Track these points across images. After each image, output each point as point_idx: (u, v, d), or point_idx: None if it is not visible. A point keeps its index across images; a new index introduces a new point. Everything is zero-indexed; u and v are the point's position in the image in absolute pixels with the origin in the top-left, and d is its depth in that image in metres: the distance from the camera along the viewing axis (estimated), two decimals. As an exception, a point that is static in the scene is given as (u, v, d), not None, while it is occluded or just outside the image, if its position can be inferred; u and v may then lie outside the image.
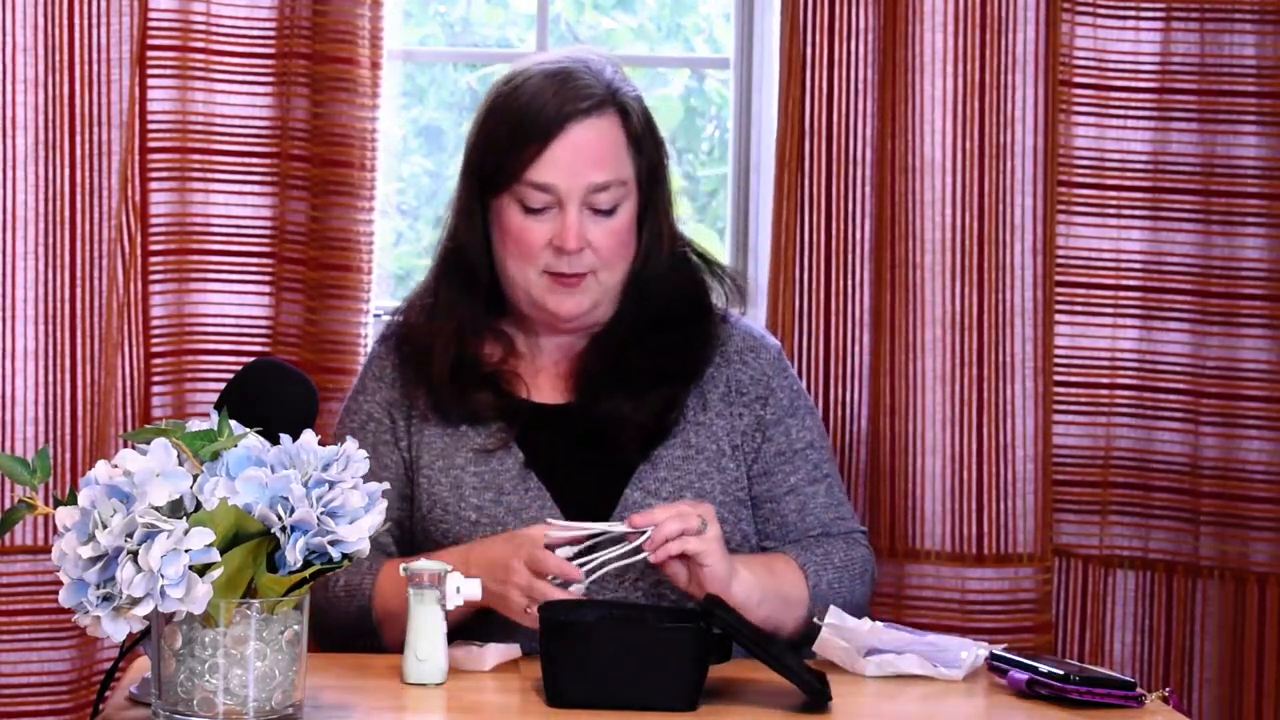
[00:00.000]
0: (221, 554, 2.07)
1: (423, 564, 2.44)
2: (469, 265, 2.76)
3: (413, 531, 2.76)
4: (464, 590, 2.43)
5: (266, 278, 3.33)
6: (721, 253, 3.43)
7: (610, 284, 2.74)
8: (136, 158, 3.25)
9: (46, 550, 3.09)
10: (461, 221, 2.77)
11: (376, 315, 3.38)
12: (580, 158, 2.69)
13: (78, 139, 3.15)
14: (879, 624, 2.59)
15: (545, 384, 2.78)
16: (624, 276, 2.75)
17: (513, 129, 2.71)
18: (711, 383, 2.78)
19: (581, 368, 2.77)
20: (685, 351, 2.76)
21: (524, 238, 2.70)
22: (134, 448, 2.12)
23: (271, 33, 3.30)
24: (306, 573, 2.12)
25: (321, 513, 2.10)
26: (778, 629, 2.65)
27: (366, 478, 2.32)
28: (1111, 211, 3.33)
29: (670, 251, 2.79)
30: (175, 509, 2.09)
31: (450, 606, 2.43)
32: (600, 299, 2.74)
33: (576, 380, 2.76)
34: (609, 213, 2.71)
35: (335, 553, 2.11)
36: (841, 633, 2.54)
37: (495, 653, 2.52)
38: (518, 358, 2.78)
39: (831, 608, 2.58)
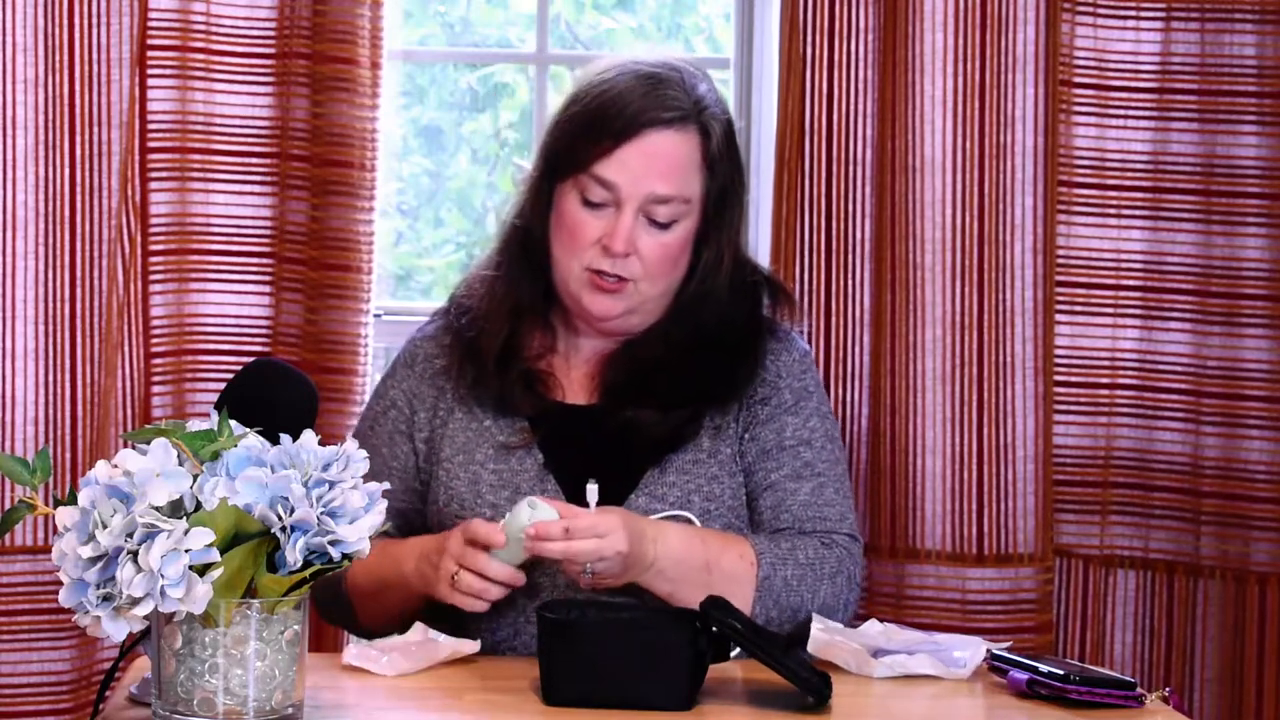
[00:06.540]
0: (221, 554, 2.06)
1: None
2: (531, 245, 2.76)
3: (424, 525, 2.75)
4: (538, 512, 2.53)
5: (267, 278, 3.33)
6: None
7: (649, 295, 2.72)
8: (136, 158, 3.25)
9: (46, 550, 3.09)
10: (529, 201, 2.77)
11: (377, 315, 3.38)
12: (649, 165, 2.68)
13: (78, 139, 3.15)
14: (891, 625, 2.59)
15: (576, 384, 2.78)
16: (665, 290, 2.74)
17: (592, 120, 2.71)
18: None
19: (607, 371, 2.76)
20: (723, 376, 2.74)
21: (576, 229, 2.71)
22: (134, 448, 2.12)
23: (271, 32, 3.30)
24: (306, 573, 2.12)
25: (321, 513, 2.10)
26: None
27: (375, 463, 2.32)
28: (1111, 211, 3.33)
29: (732, 275, 2.77)
30: (175, 509, 2.09)
31: (528, 521, 2.52)
32: (636, 308, 2.73)
33: (602, 383, 2.76)
34: (664, 227, 2.70)
35: (335, 553, 2.11)
36: (844, 634, 2.54)
37: (450, 645, 2.52)
38: (555, 355, 2.78)
39: (815, 616, 2.57)
